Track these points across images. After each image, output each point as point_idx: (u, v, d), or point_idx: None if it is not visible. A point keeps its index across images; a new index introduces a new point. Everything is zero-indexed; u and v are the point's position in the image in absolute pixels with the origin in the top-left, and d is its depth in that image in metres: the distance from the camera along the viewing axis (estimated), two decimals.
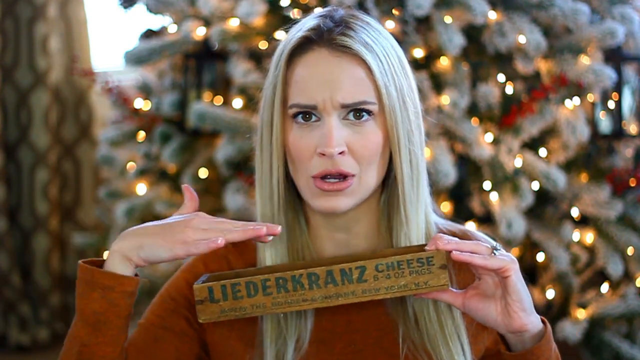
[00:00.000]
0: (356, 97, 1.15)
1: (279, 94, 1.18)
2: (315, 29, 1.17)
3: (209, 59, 2.52)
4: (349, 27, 1.17)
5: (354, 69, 1.15)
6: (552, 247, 2.29)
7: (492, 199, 2.27)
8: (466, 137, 2.23)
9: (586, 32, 2.31)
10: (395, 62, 1.19)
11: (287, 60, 1.18)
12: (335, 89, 1.15)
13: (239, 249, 1.28)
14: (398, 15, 2.26)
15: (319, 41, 1.17)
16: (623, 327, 2.43)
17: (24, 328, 3.26)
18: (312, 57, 1.17)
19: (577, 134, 2.30)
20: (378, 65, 1.16)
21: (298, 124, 1.17)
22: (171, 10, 2.58)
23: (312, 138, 1.16)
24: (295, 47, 1.18)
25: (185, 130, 2.52)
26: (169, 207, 2.51)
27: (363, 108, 1.16)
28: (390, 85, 1.16)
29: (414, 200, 1.20)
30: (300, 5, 2.36)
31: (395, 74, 1.18)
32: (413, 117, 1.19)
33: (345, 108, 1.16)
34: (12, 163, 3.34)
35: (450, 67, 2.28)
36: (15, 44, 3.30)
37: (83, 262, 1.16)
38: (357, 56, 1.16)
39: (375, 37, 1.18)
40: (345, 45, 1.15)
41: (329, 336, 1.23)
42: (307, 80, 1.16)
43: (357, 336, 1.23)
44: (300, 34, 1.18)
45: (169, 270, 2.50)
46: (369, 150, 1.17)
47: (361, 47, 1.15)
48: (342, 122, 1.16)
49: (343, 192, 1.17)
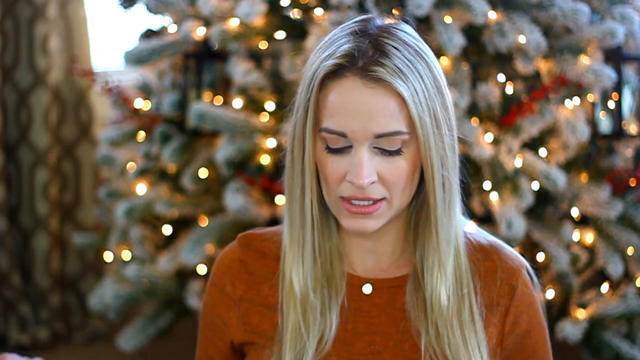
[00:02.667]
0: (389, 127, 1.13)
1: (311, 116, 1.17)
2: (349, 56, 1.14)
3: (209, 59, 2.52)
4: (383, 53, 1.14)
5: (388, 100, 1.13)
6: (552, 247, 2.30)
7: (492, 199, 2.27)
8: (466, 137, 2.23)
9: (586, 32, 2.31)
10: (430, 85, 1.16)
11: (320, 84, 1.16)
12: (368, 120, 1.13)
13: (254, 250, 1.29)
14: (398, 15, 2.26)
15: (352, 68, 1.14)
16: (623, 327, 2.43)
17: (24, 328, 3.26)
18: (345, 85, 1.14)
19: (577, 134, 2.30)
20: (412, 95, 1.13)
21: (329, 149, 1.17)
22: (171, 10, 2.58)
23: (342, 164, 1.16)
24: (328, 72, 1.16)
25: (185, 130, 2.52)
26: (169, 207, 2.51)
27: (396, 138, 1.14)
28: (424, 113, 1.14)
29: (446, 223, 1.20)
30: (300, 5, 2.37)
31: (429, 100, 1.15)
32: (448, 140, 1.18)
33: (377, 138, 1.14)
34: (12, 163, 3.34)
35: (450, 67, 2.28)
36: (15, 44, 3.30)
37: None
38: (390, 87, 1.13)
39: (410, 61, 1.15)
40: (378, 76, 1.13)
41: (349, 336, 1.23)
42: (339, 108, 1.14)
43: (377, 338, 1.23)
44: (334, 60, 1.15)
45: (168, 270, 2.50)
46: (400, 179, 1.16)
47: (395, 78, 1.13)
48: (373, 150, 1.15)
49: (372, 216, 1.17)
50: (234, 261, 1.29)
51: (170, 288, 2.52)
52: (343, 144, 1.15)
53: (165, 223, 2.61)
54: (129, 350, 2.60)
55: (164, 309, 2.58)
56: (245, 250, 1.29)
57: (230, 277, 1.28)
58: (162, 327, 2.58)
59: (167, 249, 2.56)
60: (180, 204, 2.52)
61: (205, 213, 2.50)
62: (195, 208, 2.52)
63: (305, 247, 1.22)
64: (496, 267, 1.26)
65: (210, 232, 2.40)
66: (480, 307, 1.24)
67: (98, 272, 3.38)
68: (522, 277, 1.27)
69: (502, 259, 1.27)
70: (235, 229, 2.39)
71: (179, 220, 2.57)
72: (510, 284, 1.25)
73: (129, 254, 2.66)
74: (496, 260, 1.26)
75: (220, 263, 1.30)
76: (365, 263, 1.26)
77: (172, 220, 2.59)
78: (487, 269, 1.26)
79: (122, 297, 2.58)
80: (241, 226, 2.39)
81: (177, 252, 2.45)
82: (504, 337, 1.25)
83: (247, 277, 1.27)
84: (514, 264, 1.27)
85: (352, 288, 1.25)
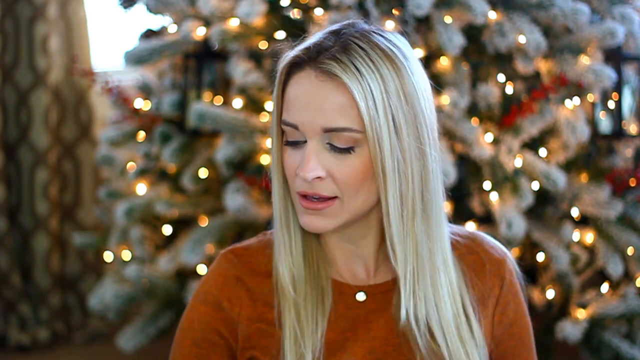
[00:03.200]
0: (337, 123, 1.13)
1: (276, 109, 1.20)
2: (308, 49, 1.16)
3: (209, 59, 2.52)
4: (345, 50, 1.14)
5: (338, 95, 1.13)
6: (552, 247, 2.29)
7: (492, 199, 2.27)
8: (466, 137, 2.23)
9: (586, 32, 2.31)
10: (394, 91, 1.14)
11: (283, 77, 1.18)
12: (316, 113, 1.14)
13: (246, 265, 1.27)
14: (398, 15, 2.26)
15: (309, 62, 1.15)
16: (623, 327, 2.43)
17: (24, 328, 3.26)
18: (301, 77, 1.16)
19: (577, 134, 2.30)
20: (364, 95, 1.12)
21: (287, 142, 1.18)
22: (171, 10, 2.58)
23: (296, 157, 1.17)
24: (290, 65, 1.18)
25: (185, 130, 2.52)
26: (169, 207, 2.51)
27: (346, 135, 1.14)
28: (378, 115, 1.13)
29: (401, 233, 1.17)
30: (300, 5, 2.36)
31: (388, 104, 1.13)
32: (412, 149, 1.15)
33: (327, 132, 1.14)
34: (12, 163, 3.34)
35: (450, 67, 2.28)
36: (15, 44, 3.30)
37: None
38: (341, 82, 1.13)
39: (374, 63, 1.14)
40: (329, 71, 1.13)
41: (350, 344, 1.22)
42: (294, 100, 1.16)
43: (377, 343, 1.22)
44: (294, 53, 1.17)
45: (169, 270, 2.50)
46: (350, 179, 1.15)
47: (346, 74, 1.13)
48: (325, 146, 1.15)
49: (322, 213, 1.17)
50: (229, 278, 1.26)
51: (170, 288, 2.52)
52: (299, 137, 1.16)
53: (165, 223, 2.60)
54: (129, 350, 2.60)
55: (164, 309, 2.58)
56: (238, 266, 1.27)
57: (227, 293, 1.25)
58: (162, 327, 2.58)
59: (167, 249, 2.56)
60: (180, 204, 2.52)
61: (205, 213, 2.50)
62: (195, 208, 2.52)
63: (291, 245, 1.23)
64: (482, 260, 1.27)
65: (210, 232, 2.40)
66: (474, 302, 1.24)
67: (98, 272, 3.38)
68: (508, 266, 1.28)
69: (487, 251, 1.28)
70: (235, 229, 2.39)
71: (179, 220, 2.57)
72: (499, 275, 1.27)
73: (129, 254, 2.66)
74: (481, 252, 1.27)
75: (213, 280, 1.27)
76: (353, 269, 1.25)
77: (172, 220, 2.59)
78: (474, 263, 1.26)
79: (122, 297, 2.57)
80: (241, 226, 2.39)
81: (177, 252, 2.45)
82: (494, 328, 1.26)
83: (244, 293, 1.25)
84: (498, 254, 1.29)
85: (346, 297, 1.24)
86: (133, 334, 2.59)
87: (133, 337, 2.58)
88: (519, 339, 1.29)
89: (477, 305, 1.25)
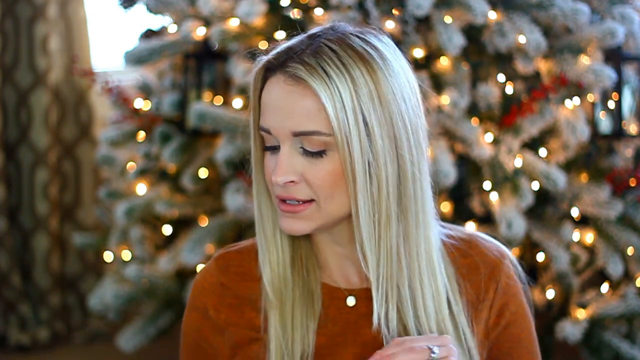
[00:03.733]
0: (306, 126, 1.12)
1: (253, 115, 1.19)
2: (278, 54, 1.15)
3: (209, 59, 2.52)
4: (316, 54, 1.13)
5: (306, 99, 1.12)
6: (552, 247, 2.29)
7: (492, 199, 2.27)
8: (466, 137, 2.23)
9: (586, 32, 2.31)
10: (366, 94, 1.12)
11: (259, 83, 1.18)
12: (285, 117, 1.13)
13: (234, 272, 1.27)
14: (398, 15, 2.26)
15: (279, 66, 1.14)
16: (623, 327, 2.43)
17: (24, 328, 3.26)
18: (272, 82, 1.15)
19: (577, 134, 2.30)
20: (332, 97, 1.11)
21: (265, 147, 1.18)
22: (171, 10, 2.58)
23: (273, 162, 1.16)
24: (264, 70, 1.17)
25: (185, 130, 2.52)
26: (169, 207, 2.51)
27: (315, 139, 1.12)
28: (347, 118, 1.11)
29: (372, 238, 1.15)
30: (300, 5, 2.36)
31: (359, 106, 1.11)
32: (387, 152, 1.13)
33: (297, 137, 1.13)
34: (12, 163, 3.34)
35: (450, 67, 2.28)
36: (15, 44, 3.30)
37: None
38: (308, 85, 1.12)
39: (345, 66, 1.12)
40: (296, 75, 1.12)
41: (340, 350, 1.21)
42: (266, 105, 1.15)
43: (367, 349, 1.20)
44: (266, 57, 1.16)
45: (168, 270, 2.50)
46: (324, 182, 1.14)
47: (313, 77, 1.11)
48: (298, 150, 1.14)
49: (299, 215, 1.16)
50: (214, 285, 1.26)
51: (170, 288, 2.52)
52: (274, 142, 1.16)
53: (165, 223, 2.61)
54: (129, 350, 2.60)
55: (164, 309, 2.58)
56: (225, 273, 1.26)
57: (212, 300, 1.25)
58: (162, 327, 2.58)
59: (167, 249, 2.56)
60: (180, 204, 2.52)
61: (205, 213, 2.50)
62: (195, 208, 2.52)
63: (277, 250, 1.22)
64: (477, 263, 1.24)
65: (210, 232, 2.40)
66: (466, 307, 1.22)
67: (98, 272, 3.38)
68: (504, 269, 1.25)
69: (483, 253, 1.25)
70: (235, 229, 2.39)
71: (179, 220, 2.57)
72: (493, 278, 1.24)
73: (129, 254, 2.66)
74: (475, 255, 1.24)
75: (200, 287, 1.27)
76: (346, 273, 1.23)
77: (172, 220, 2.59)
78: (468, 266, 1.23)
79: (122, 297, 2.57)
80: (241, 226, 2.39)
81: (177, 252, 2.45)
82: (489, 332, 1.24)
83: (230, 301, 1.24)
84: (494, 256, 1.25)
85: (336, 301, 1.23)
86: (133, 334, 2.59)
87: (133, 337, 2.58)
88: (517, 340, 1.26)
89: (470, 311, 1.23)
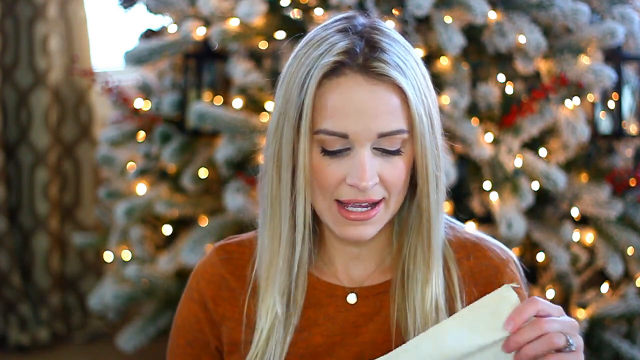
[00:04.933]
0: (392, 126, 1.09)
1: (308, 118, 1.10)
2: (348, 53, 1.09)
3: (209, 59, 2.52)
4: (381, 49, 1.10)
5: (390, 97, 1.09)
6: (552, 247, 2.29)
7: (492, 199, 2.27)
8: (466, 137, 2.23)
9: (586, 32, 2.31)
10: (423, 82, 1.13)
11: (317, 84, 1.10)
12: (371, 119, 1.08)
13: (234, 264, 1.25)
14: (398, 15, 2.26)
15: (352, 66, 1.09)
16: (623, 327, 2.43)
17: (24, 328, 3.26)
18: (345, 83, 1.09)
19: (577, 134, 2.30)
20: (413, 91, 1.09)
21: (325, 152, 1.11)
22: (171, 10, 2.58)
23: (341, 167, 1.10)
24: (326, 71, 1.10)
25: (185, 130, 2.52)
26: (169, 207, 2.51)
27: (397, 137, 1.10)
28: (421, 110, 1.10)
29: (438, 224, 1.16)
30: (300, 5, 2.36)
31: (425, 96, 1.12)
32: (439, 140, 1.14)
33: (379, 137, 1.10)
34: (12, 163, 3.34)
35: (450, 67, 2.28)
36: (15, 44, 3.30)
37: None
38: (393, 83, 1.09)
39: (405, 57, 1.11)
40: (382, 73, 1.08)
41: (338, 349, 1.20)
42: (340, 108, 1.09)
43: (366, 348, 1.19)
44: (332, 58, 1.09)
45: (168, 270, 2.50)
46: (399, 180, 1.12)
47: (397, 73, 1.09)
48: (374, 151, 1.10)
49: (370, 221, 1.13)
50: (215, 276, 1.24)
51: (170, 288, 2.52)
52: (341, 145, 1.10)
53: (165, 223, 2.61)
54: (129, 350, 2.60)
55: (164, 309, 2.58)
56: (226, 265, 1.24)
57: (212, 293, 1.24)
58: (162, 327, 2.58)
59: (167, 249, 2.57)
60: (180, 204, 2.52)
61: (205, 213, 2.50)
62: (195, 208, 2.52)
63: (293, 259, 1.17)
64: (480, 265, 1.22)
65: (210, 232, 2.40)
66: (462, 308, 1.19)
67: (98, 272, 3.38)
68: (507, 273, 1.22)
69: (487, 256, 1.22)
70: (235, 229, 2.39)
71: (179, 220, 2.57)
72: (496, 281, 1.20)
73: (129, 254, 2.66)
74: (480, 257, 1.22)
75: (200, 278, 1.25)
76: (350, 271, 1.22)
77: (172, 220, 2.59)
78: (471, 268, 1.21)
79: (122, 297, 2.58)
80: (241, 226, 2.39)
81: (177, 252, 2.45)
82: None
83: (229, 294, 1.23)
84: (498, 259, 1.23)
85: (336, 299, 1.21)
86: (133, 334, 2.59)
87: (133, 337, 2.58)
88: None
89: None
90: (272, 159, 1.15)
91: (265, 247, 1.18)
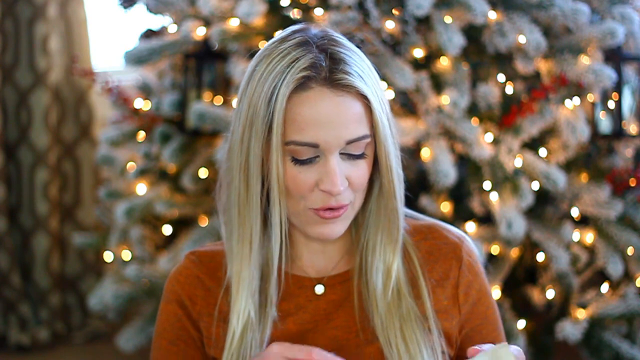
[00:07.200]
0: (358, 132, 1.16)
1: (279, 131, 1.15)
2: (313, 67, 1.15)
3: (209, 59, 2.52)
4: (343, 61, 1.16)
5: (355, 105, 1.16)
6: (552, 247, 2.29)
7: (492, 199, 2.27)
8: (466, 137, 2.23)
9: (586, 32, 2.31)
10: (378, 85, 1.20)
11: (286, 98, 1.15)
12: (340, 128, 1.15)
13: (206, 266, 1.30)
14: (398, 15, 2.26)
15: (317, 79, 1.15)
16: (623, 327, 2.43)
17: (24, 328, 3.26)
18: (314, 96, 1.15)
19: (577, 134, 2.30)
20: (374, 97, 1.17)
21: (296, 160, 1.17)
22: (171, 10, 2.58)
23: (311, 174, 1.17)
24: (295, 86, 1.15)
25: (185, 130, 2.52)
26: (169, 207, 2.51)
27: (362, 142, 1.17)
28: (383, 115, 1.19)
29: (400, 216, 1.25)
30: (300, 5, 2.36)
31: (382, 99, 1.20)
32: (396, 138, 1.23)
33: (347, 144, 1.17)
34: (12, 163, 3.34)
35: (450, 67, 2.28)
36: (15, 44, 3.30)
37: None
38: (357, 92, 1.16)
39: (362, 65, 1.18)
40: (347, 84, 1.15)
41: (311, 336, 1.25)
42: (309, 120, 1.14)
43: (339, 332, 1.25)
44: (300, 73, 1.14)
45: (168, 270, 2.50)
46: (363, 181, 1.20)
47: (360, 83, 1.16)
48: (341, 156, 1.17)
49: (340, 218, 1.21)
50: (190, 277, 1.30)
51: None
52: (312, 154, 1.16)
53: (165, 223, 2.61)
54: (129, 350, 2.60)
55: None
56: (199, 266, 1.30)
57: (187, 292, 1.29)
58: None
59: (167, 249, 2.57)
60: (180, 204, 2.52)
61: (205, 213, 2.50)
62: (195, 208, 2.52)
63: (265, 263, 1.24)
64: (439, 244, 1.30)
65: (210, 232, 2.40)
66: (430, 285, 1.27)
67: (98, 272, 3.38)
68: (465, 248, 1.31)
69: (443, 235, 1.31)
70: None
71: (179, 220, 2.57)
72: (456, 256, 1.29)
73: (129, 254, 2.66)
74: (437, 237, 1.31)
75: (174, 280, 1.30)
76: (314, 264, 1.29)
77: (172, 220, 2.59)
78: (429, 247, 1.30)
79: (122, 297, 2.58)
80: None
81: (177, 252, 2.45)
82: (460, 308, 1.28)
83: (204, 293, 1.29)
84: (455, 237, 1.31)
85: (305, 290, 1.27)
86: (133, 334, 2.59)
87: (133, 337, 2.59)
88: (484, 317, 1.31)
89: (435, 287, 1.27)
90: (239, 169, 1.21)
91: (235, 253, 1.25)
